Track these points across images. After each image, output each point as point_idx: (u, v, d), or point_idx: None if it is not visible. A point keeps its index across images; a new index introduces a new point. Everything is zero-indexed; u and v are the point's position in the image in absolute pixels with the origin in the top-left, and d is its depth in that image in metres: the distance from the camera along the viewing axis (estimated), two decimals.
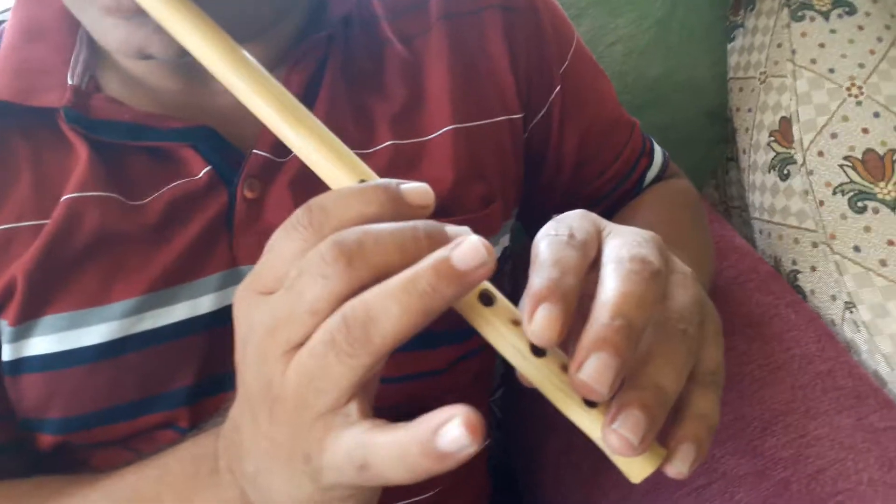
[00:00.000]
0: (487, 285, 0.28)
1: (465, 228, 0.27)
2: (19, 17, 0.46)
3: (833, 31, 0.75)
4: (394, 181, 0.27)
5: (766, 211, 0.75)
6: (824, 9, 0.76)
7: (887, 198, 0.66)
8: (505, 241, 0.55)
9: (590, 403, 0.27)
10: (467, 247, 0.25)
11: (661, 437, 0.29)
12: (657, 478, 0.29)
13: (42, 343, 0.43)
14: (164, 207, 0.44)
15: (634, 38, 0.97)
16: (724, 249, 0.71)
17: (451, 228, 0.27)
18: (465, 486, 0.59)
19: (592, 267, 0.30)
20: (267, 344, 0.27)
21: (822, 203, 0.68)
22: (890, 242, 0.64)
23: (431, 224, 0.26)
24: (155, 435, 0.46)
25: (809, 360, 0.60)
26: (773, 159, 0.75)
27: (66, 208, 0.43)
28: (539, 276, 0.27)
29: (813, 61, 0.74)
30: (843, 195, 0.67)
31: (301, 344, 0.26)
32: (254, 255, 0.44)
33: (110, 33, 0.38)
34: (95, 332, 0.43)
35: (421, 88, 0.50)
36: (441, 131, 0.49)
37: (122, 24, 0.37)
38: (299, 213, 0.27)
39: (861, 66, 0.72)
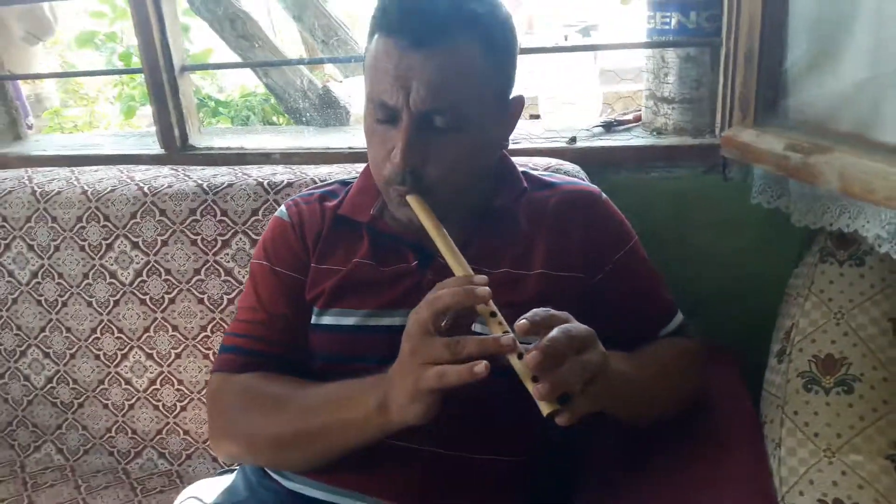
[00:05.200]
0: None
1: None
2: (361, 181, 0.96)
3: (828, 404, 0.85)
4: (477, 277, 0.70)
5: None
6: (828, 386, 0.86)
7: None
8: None
9: (535, 380, 0.63)
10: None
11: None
12: None
13: (328, 319, 0.88)
14: (392, 274, 0.88)
15: None
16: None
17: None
18: None
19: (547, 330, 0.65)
20: (407, 351, 0.69)
21: None
22: None
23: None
24: (359, 373, 0.80)
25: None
26: None
27: (354, 265, 0.89)
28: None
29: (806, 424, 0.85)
30: None
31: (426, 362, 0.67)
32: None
33: (398, 212, 0.84)
34: (351, 320, 0.87)
35: (530, 247, 0.89)
36: (536, 271, 0.88)
37: (405, 209, 0.82)
38: (430, 294, 0.69)
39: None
